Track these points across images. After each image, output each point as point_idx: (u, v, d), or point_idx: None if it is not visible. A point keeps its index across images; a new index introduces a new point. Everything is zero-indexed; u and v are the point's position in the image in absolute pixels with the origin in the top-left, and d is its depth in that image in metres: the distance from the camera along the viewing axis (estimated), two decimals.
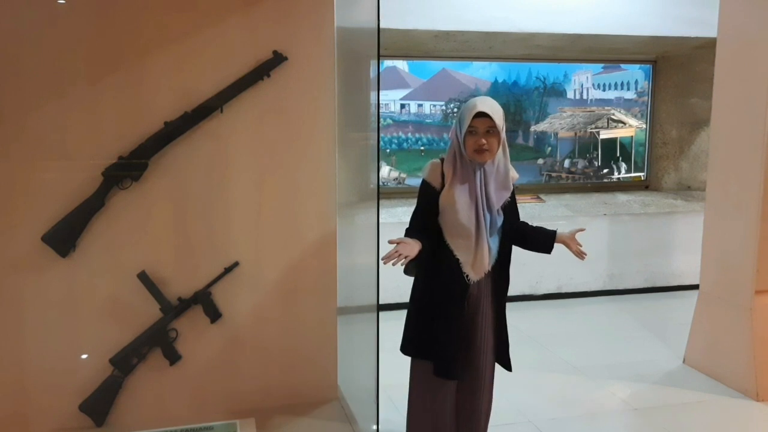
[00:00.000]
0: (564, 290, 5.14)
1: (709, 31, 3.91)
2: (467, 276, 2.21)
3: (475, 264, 2.21)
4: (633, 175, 5.91)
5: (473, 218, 2.20)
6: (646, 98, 5.84)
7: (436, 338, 2.20)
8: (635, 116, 5.87)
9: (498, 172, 2.23)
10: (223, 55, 2.59)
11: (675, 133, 5.84)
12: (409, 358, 2.32)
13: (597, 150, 5.81)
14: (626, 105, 5.82)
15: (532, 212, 5.14)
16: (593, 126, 5.77)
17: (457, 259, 2.20)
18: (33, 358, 2.57)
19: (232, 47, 2.60)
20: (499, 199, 2.24)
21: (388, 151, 5.31)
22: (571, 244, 2.42)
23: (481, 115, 2.10)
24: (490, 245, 2.23)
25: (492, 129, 2.12)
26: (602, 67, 5.72)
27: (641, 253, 5.29)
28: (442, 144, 5.43)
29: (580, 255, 2.41)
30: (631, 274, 5.29)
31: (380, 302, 2.55)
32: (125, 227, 2.59)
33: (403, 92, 5.34)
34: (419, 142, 5.41)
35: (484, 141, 2.11)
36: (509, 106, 5.53)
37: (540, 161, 5.69)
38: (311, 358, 2.91)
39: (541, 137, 5.67)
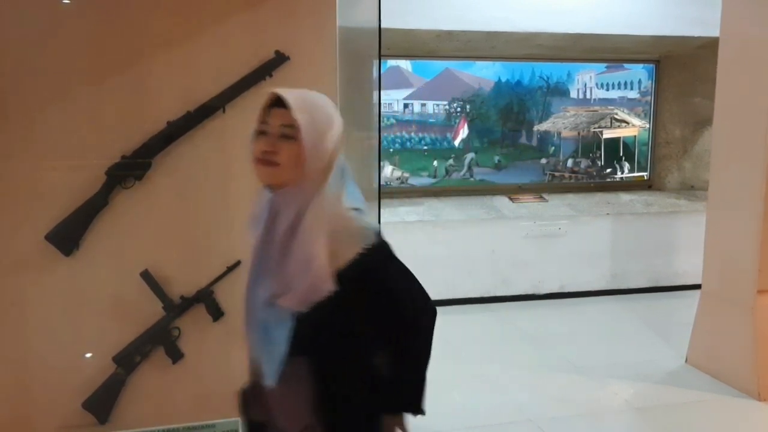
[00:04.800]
0: (566, 290, 5.14)
1: (711, 30, 3.90)
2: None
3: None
4: (636, 174, 5.91)
5: (246, 281, 1.45)
6: (649, 98, 5.84)
7: None
8: (638, 116, 5.86)
9: (297, 216, 1.33)
10: (225, 55, 2.60)
11: (678, 133, 5.84)
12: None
13: (600, 149, 5.81)
14: (629, 104, 5.82)
15: (534, 212, 5.14)
16: (596, 125, 5.76)
17: None
18: (36, 357, 2.59)
19: (234, 47, 2.61)
20: (282, 270, 1.34)
21: (391, 150, 5.32)
22: None
23: (278, 104, 1.35)
24: (263, 337, 1.40)
25: (288, 130, 1.33)
26: (605, 67, 5.72)
27: (644, 252, 5.29)
28: (445, 143, 5.43)
29: None
30: (633, 274, 5.29)
31: None
32: (128, 226, 2.60)
33: (407, 92, 5.35)
34: (422, 142, 5.42)
35: (269, 148, 1.35)
36: (513, 106, 5.53)
37: (543, 161, 5.69)
38: None
39: (545, 137, 5.67)
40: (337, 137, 1.39)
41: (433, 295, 1.48)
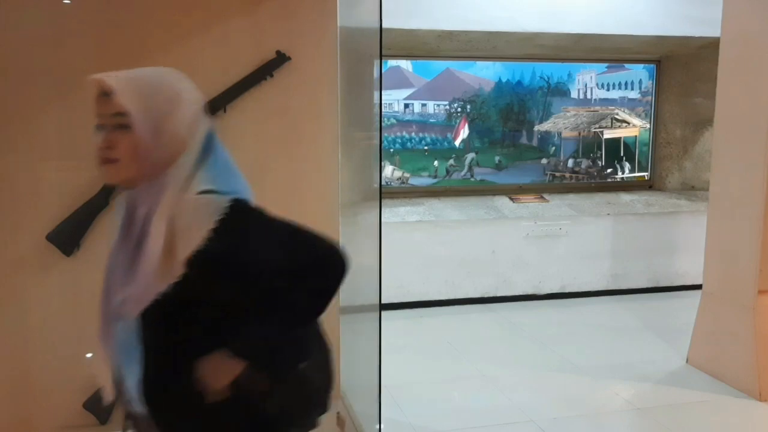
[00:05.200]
0: (567, 290, 5.14)
1: (712, 30, 3.90)
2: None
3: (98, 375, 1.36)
4: (637, 174, 5.90)
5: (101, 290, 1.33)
6: (650, 98, 5.83)
7: None
8: (639, 116, 5.86)
9: (150, 212, 1.18)
10: (226, 56, 2.60)
11: (679, 133, 5.83)
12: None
13: (601, 150, 5.80)
14: (630, 105, 5.82)
15: (535, 212, 5.14)
16: (597, 126, 5.76)
17: None
18: (37, 357, 2.59)
19: (235, 48, 2.61)
20: (135, 273, 1.20)
21: (391, 150, 5.32)
22: None
23: (104, 94, 1.18)
24: (123, 353, 1.29)
25: (120, 119, 1.17)
26: (606, 67, 5.71)
27: (645, 252, 5.29)
28: (446, 144, 5.43)
29: None
30: (634, 274, 5.29)
31: (383, 302, 2.56)
32: None
33: (407, 92, 5.35)
34: (423, 142, 5.41)
35: (104, 143, 1.20)
36: (513, 106, 5.53)
37: (544, 161, 5.69)
38: None
39: (545, 137, 5.66)
40: (189, 116, 1.22)
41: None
